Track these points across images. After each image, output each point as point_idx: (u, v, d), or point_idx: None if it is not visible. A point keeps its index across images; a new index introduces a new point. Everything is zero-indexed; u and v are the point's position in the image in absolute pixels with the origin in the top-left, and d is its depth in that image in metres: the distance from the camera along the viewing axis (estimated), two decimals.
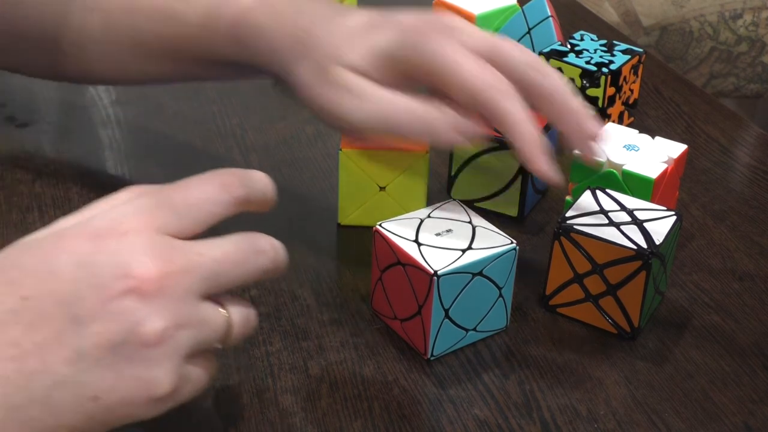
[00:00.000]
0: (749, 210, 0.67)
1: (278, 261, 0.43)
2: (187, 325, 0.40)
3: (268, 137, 0.73)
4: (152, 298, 0.39)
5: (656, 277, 0.54)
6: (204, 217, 0.42)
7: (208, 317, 0.41)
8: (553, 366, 0.53)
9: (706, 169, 0.72)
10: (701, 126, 0.78)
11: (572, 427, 0.49)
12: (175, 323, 0.39)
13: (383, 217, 0.55)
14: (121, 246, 0.39)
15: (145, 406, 0.39)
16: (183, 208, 0.41)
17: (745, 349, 0.55)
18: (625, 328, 0.55)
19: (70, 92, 0.78)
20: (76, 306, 0.38)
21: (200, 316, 0.40)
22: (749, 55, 1.24)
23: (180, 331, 0.39)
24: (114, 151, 0.71)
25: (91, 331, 0.38)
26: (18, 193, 0.65)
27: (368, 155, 0.60)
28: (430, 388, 0.51)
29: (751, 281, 0.60)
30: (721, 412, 0.50)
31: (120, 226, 0.40)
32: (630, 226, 0.54)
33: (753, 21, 1.22)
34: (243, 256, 0.42)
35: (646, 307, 0.54)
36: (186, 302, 0.40)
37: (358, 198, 0.62)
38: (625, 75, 0.73)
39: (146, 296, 0.38)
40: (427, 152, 0.60)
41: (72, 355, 0.38)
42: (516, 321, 0.56)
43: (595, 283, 0.54)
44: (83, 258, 0.39)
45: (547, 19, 0.76)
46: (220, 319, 0.41)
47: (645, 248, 0.52)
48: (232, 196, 0.42)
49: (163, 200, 0.41)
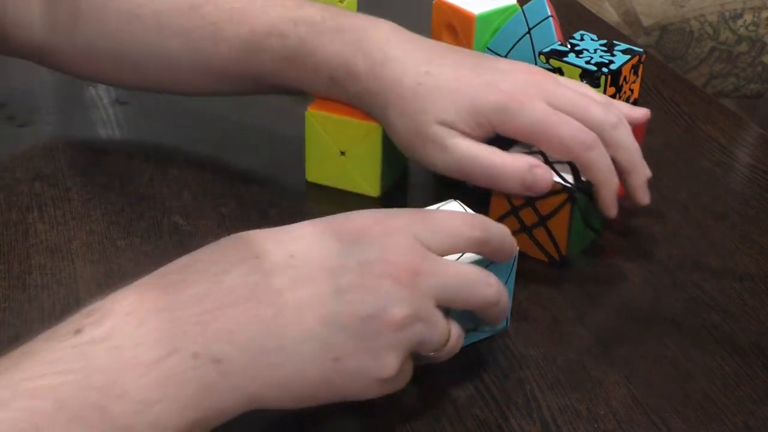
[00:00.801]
0: (749, 210, 0.67)
1: (501, 298, 0.48)
2: (423, 321, 0.44)
3: (268, 136, 0.73)
4: (405, 287, 0.43)
5: (585, 212, 0.60)
6: (448, 244, 0.46)
7: (437, 321, 0.45)
8: (553, 366, 0.53)
9: (706, 169, 0.72)
10: (701, 126, 0.78)
11: (572, 427, 0.49)
12: (415, 315, 0.43)
13: (345, 182, 0.64)
14: (385, 239, 0.44)
15: (370, 383, 0.43)
16: (435, 229, 0.46)
17: (745, 349, 0.55)
18: (554, 256, 0.60)
19: (71, 92, 0.78)
20: (340, 275, 0.43)
21: (433, 317, 0.45)
22: (749, 55, 1.24)
23: (416, 324, 0.43)
24: (114, 151, 0.71)
25: (348, 300, 0.42)
26: (18, 193, 0.65)
27: (331, 120, 0.64)
28: (430, 388, 0.51)
29: (751, 281, 0.60)
30: (721, 412, 0.50)
31: (385, 224, 0.45)
32: (562, 165, 0.59)
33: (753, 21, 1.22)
34: (475, 280, 0.46)
35: (574, 237, 0.60)
36: (427, 301, 0.44)
37: (323, 159, 0.66)
38: (625, 75, 0.73)
39: (401, 284, 0.43)
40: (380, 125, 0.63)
41: (327, 316, 0.42)
42: (516, 321, 0.56)
43: (528, 215, 0.59)
44: (351, 238, 0.44)
45: (547, 19, 0.76)
46: (445, 327, 0.46)
47: (570, 183, 0.57)
48: (473, 235, 0.47)
49: (422, 217, 0.47)
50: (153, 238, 0.61)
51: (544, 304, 0.57)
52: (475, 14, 0.78)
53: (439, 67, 0.59)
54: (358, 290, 0.42)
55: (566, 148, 0.57)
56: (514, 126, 0.58)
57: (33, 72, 0.80)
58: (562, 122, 0.57)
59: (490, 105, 0.58)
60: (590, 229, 0.62)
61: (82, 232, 0.62)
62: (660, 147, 0.74)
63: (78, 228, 0.62)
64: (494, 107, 0.58)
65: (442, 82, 0.59)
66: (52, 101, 0.77)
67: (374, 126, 0.63)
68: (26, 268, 0.58)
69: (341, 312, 0.42)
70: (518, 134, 0.58)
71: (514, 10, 0.79)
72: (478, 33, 0.80)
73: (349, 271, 0.43)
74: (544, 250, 0.60)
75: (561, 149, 0.58)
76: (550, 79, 0.60)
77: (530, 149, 0.60)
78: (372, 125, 0.63)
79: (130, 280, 0.42)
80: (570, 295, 0.58)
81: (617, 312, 0.57)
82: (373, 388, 0.44)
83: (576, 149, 0.57)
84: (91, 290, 0.57)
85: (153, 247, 0.61)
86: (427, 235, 0.46)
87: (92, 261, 0.59)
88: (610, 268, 0.61)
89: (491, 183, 0.58)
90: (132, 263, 0.59)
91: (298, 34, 0.62)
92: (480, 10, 0.78)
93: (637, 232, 0.64)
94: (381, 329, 0.42)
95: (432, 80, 0.59)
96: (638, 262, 0.61)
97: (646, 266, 0.61)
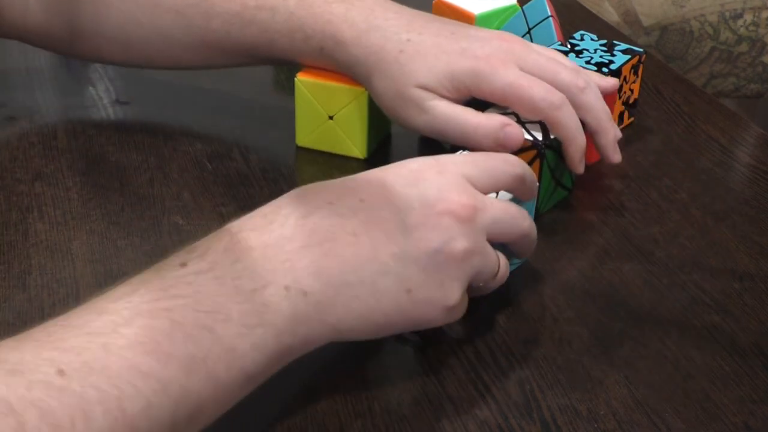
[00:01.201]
0: (749, 210, 0.67)
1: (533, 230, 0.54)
2: (480, 254, 0.49)
3: (268, 137, 0.73)
4: (464, 223, 0.48)
5: (555, 170, 0.64)
6: (494, 180, 0.52)
7: (490, 254, 0.50)
8: (553, 366, 0.53)
9: (706, 169, 0.72)
10: (701, 126, 0.78)
11: (572, 427, 0.49)
12: (474, 248, 0.48)
13: (334, 145, 0.69)
14: (440, 179, 0.49)
15: (438, 311, 0.48)
16: (483, 167, 0.51)
17: (745, 349, 0.55)
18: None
19: (70, 92, 0.78)
20: (405, 214, 0.47)
21: (487, 250, 0.50)
22: (749, 55, 1.24)
23: (474, 257, 0.48)
24: (114, 151, 0.71)
25: (415, 236, 0.47)
26: (18, 193, 0.65)
27: (319, 85, 0.68)
28: (430, 388, 0.51)
29: (751, 281, 0.60)
30: (721, 412, 0.50)
31: (437, 167, 0.50)
32: (533, 124, 0.63)
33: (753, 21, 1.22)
34: (517, 214, 0.52)
35: (544, 193, 0.64)
36: (482, 235, 0.49)
37: (312, 124, 0.70)
38: (625, 75, 0.73)
39: (460, 220, 0.48)
40: (366, 90, 0.67)
41: (398, 252, 0.47)
42: (516, 321, 0.56)
43: None
44: (410, 181, 0.49)
45: (547, 19, 0.76)
46: (496, 259, 0.51)
47: (540, 140, 0.62)
48: (514, 171, 0.52)
49: (468, 159, 0.52)
50: (153, 238, 0.61)
51: (544, 304, 0.57)
52: (475, 14, 0.78)
53: (420, 35, 0.63)
54: (423, 228, 0.47)
55: (536, 108, 0.62)
56: (488, 89, 0.62)
57: (33, 72, 0.80)
58: (533, 85, 0.61)
59: (465, 70, 0.62)
60: (561, 187, 0.66)
61: (82, 232, 0.62)
62: (660, 147, 0.74)
63: (78, 228, 0.62)
64: (469, 72, 0.62)
65: (422, 48, 0.63)
66: (52, 101, 0.77)
67: (361, 91, 0.67)
68: (26, 268, 0.58)
69: (410, 248, 0.47)
70: (492, 97, 0.63)
71: (514, 10, 0.80)
72: None
73: (413, 210, 0.47)
74: None
75: (531, 110, 0.62)
76: (522, 46, 0.64)
77: (504, 111, 0.64)
78: (359, 90, 0.67)
79: None
80: (570, 294, 0.58)
81: (617, 312, 0.57)
82: (441, 316, 0.48)
83: (545, 109, 0.61)
84: (91, 290, 0.57)
85: (153, 247, 0.61)
86: (475, 173, 0.50)
87: (92, 261, 0.59)
88: (610, 269, 0.61)
89: (467, 141, 0.62)
90: (132, 263, 0.59)
91: (288, 7, 0.65)
92: (480, 10, 0.79)
93: (636, 232, 0.64)
94: (446, 262, 0.47)
95: (413, 47, 0.63)
96: (638, 262, 0.61)
97: (646, 266, 0.61)
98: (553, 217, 0.65)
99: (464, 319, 0.50)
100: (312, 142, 0.71)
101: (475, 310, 0.52)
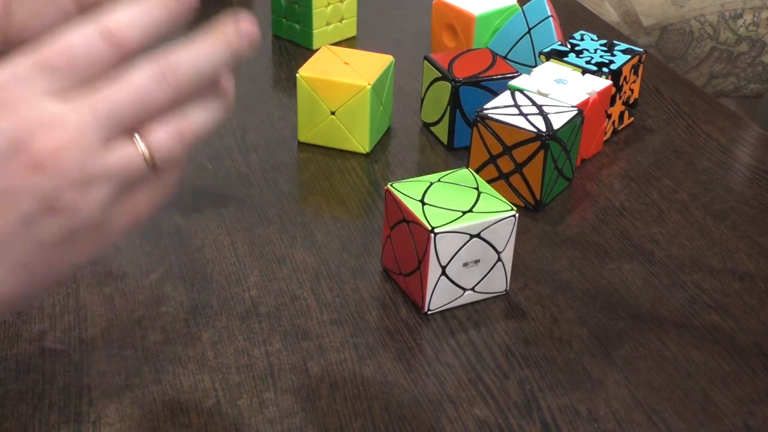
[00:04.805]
0: (749, 210, 0.67)
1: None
2: (101, 180, 0.39)
3: (268, 137, 0.73)
4: (56, 176, 0.37)
5: (557, 160, 0.64)
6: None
7: (118, 162, 0.39)
8: (553, 366, 0.53)
9: (706, 169, 0.72)
10: (701, 126, 0.78)
11: (572, 427, 0.49)
12: (85, 190, 0.38)
13: (335, 140, 0.70)
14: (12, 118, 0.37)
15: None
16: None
17: (745, 349, 0.55)
18: (530, 201, 0.65)
19: None
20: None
21: (109, 165, 0.39)
22: (749, 55, 1.24)
23: (93, 190, 0.39)
24: None
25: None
26: None
27: (321, 81, 0.69)
28: (430, 388, 0.51)
29: (751, 281, 0.60)
30: (721, 412, 0.50)
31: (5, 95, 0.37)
32: (536, 116, 0.64)
33: (753, 21, 1.22)
34: (146, 87, 0.39)
35: (547, 184, 0.64)
36: (90, 159, 0.38)
37: (313, 119, 0.70)
38: (626, 75, 0.73)
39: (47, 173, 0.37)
40: (369, 84, 0.68)
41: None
42: (516, 320, 0.56)
43: (505, 162, 0.64)
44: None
45: (547, 19, 0.76)
46: (135, 158, 0.40)
47: (544, 131, 0.62)
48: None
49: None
50: (153, 238, 0.61)
51: (544, 304, 0.57)
52: (475, 14, 0.78)
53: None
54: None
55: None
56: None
57: None
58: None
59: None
60: (562, 177, 0.67)
61: None
62: (660, 147, 0.74)
63: None
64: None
65: None
66: None
67: (363, 86, 0.68)
68: None
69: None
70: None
71: (514, 10, 0.80)
72: (478, 33, 0.80)
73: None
74: (520, 196, 0.65)
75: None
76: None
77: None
78: (361, 85, 0.68)
79: (130, 280, 0.42)
80: (570, 294, 0.58)
81: (617, 312, 0.57)
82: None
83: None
84: (92, 290, 0.57)
85: (153, 247, 0.60)
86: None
87: (92, 261, 0.59)
88: (610, 269, 0.61)
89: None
90: (132, 263, 0.59)
91: None
92: (480, 10, 0.79)
93: (636, 232, 0.64)
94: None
95: None
96: (638, 262, 0.61)
97: (646, 266, 0.61)
98: (554, 216, 0.65)
99: (464, 319, 0.50)
100: (314, 138, 0.71)
101: (477, 311, 0.52)
